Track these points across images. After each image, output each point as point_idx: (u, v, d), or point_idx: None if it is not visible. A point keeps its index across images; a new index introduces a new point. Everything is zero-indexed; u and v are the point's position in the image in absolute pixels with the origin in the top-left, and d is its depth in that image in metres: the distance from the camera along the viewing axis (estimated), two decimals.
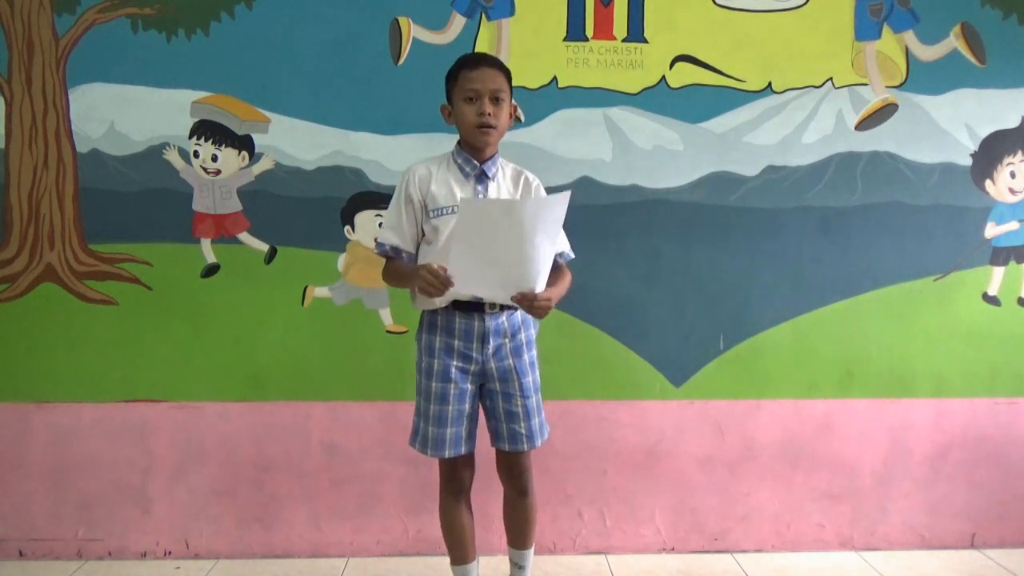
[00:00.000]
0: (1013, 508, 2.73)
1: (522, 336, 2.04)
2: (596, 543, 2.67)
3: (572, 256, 2.10)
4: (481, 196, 1.98)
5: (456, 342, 1.98)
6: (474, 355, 1.98)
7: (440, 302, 1.96)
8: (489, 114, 1.93)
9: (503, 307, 1.99)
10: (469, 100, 1.94)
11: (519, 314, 2.04)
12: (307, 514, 2.61)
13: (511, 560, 2.20)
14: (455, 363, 1.98)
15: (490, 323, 1.98)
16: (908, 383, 2.70)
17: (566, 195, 1.77)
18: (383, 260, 2.04)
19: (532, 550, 2.19)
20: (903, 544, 2.72)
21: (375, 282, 2.56)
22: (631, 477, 2.67)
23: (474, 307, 1.97)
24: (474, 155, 2.00)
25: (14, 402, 2.55)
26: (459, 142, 2.04)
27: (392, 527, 2.63)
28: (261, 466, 2.60)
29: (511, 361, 2.01)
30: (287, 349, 2.58)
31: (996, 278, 2.71)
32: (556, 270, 1.98)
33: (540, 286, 1.84)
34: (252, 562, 2.58)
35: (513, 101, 2.04)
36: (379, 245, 2.02)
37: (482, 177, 2.00)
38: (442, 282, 1.78)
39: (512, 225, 1.72)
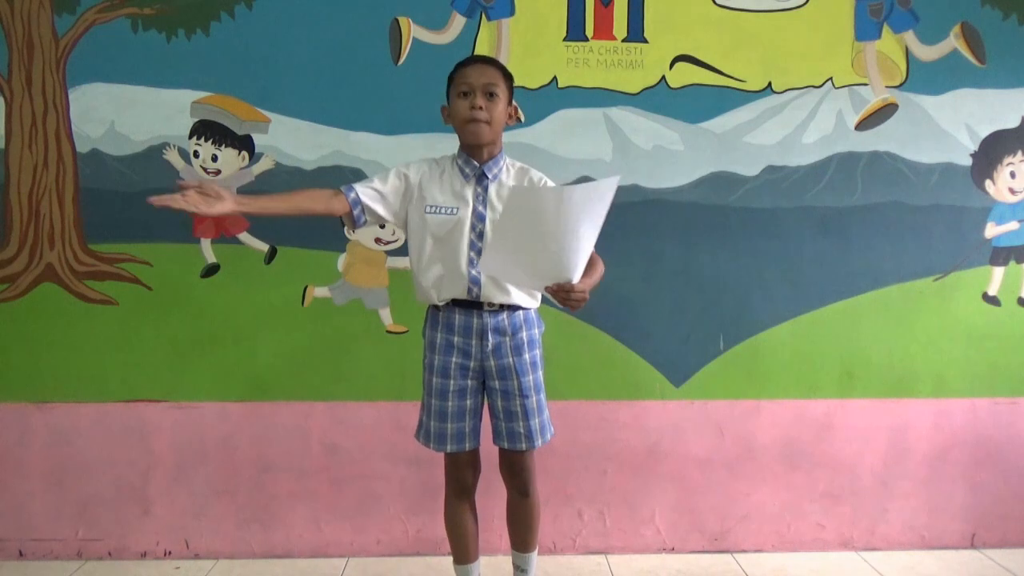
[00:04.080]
0: (1013, 508, 2.73)
1: (523, 335, 2.02)
2: (596, 543, 2.67)
3: None
4: (481, 197, 1.98)
5: (456, 338, 1.99)
6: (473, 351, 1.99)
7: (438, 299, 1.98)
8: (480, 107, 1.91)
9: (503, 305, 1.99)
10: (463, 95, 1.94)
11: (520, 313, 2.02)
12: (307, 514, 2.61)
13: (514, 563, 2.20)
14: (455, 359, 1.99)
15: (489, 320, 1.98)
16: (908, 383, 2.70)
17: (615, 180, 1.71)
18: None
19: (535, 554, 2.18)
20: (903, 544, 2.72)
21: (375, 282, 2.57)
22: (631, 477, 2.67)
23: (473, 304, 1.97)
24: (474, 156, 1.99)
25: (14, 402, 2.55)
26: (461, 145, 2.03)
27: (392, 527, 2.63)
28: (261, 466, 2.60)
29: (511, 360, 2.00)
30: (287, 349, 2.58)
31: (996, 278, 2.71)
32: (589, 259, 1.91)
33: (577, 277, 1.80)
34: (252, 562, 2.58)
35: (514, 102, 2.03)
36: (346, 187, 1.95)
37: (482, 178, 1.99)
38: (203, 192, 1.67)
39: (560, 214, 1.67)
